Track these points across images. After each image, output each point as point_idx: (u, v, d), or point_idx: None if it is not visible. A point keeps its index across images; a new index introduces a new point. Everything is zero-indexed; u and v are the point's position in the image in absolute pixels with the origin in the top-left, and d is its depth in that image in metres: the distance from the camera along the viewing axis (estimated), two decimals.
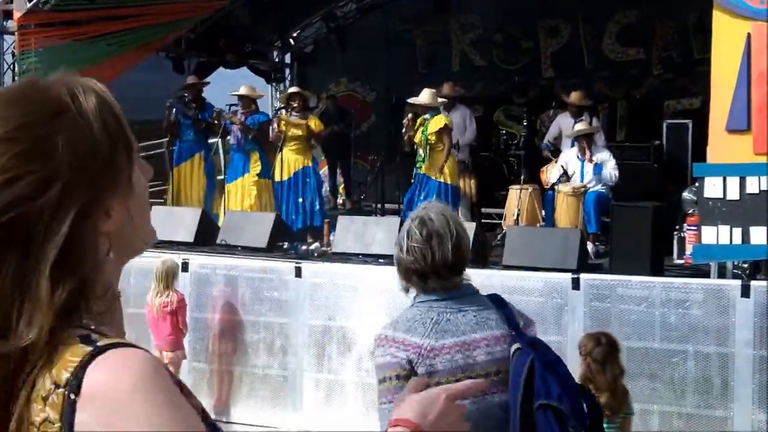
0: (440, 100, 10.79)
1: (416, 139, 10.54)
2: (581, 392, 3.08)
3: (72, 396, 1.20)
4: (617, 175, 10.45)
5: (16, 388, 1.24)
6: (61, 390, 1.21)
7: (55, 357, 1.23)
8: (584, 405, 3.01)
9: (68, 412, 1.20)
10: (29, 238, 1.25)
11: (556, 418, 2.88)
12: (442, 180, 10.43)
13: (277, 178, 11.30)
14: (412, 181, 10.76)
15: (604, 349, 5.64)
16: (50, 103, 1.31)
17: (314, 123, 11.37)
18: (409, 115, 10.82)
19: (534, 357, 2.95)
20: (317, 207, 11.31)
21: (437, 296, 3.11)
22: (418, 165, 10.57)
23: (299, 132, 11.26)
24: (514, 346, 3.03)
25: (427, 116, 10.48)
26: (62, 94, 1.32)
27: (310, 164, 11.36)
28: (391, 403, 2.94)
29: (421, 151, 10.53)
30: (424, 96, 10.58)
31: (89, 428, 1.19)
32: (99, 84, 1.38)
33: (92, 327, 1.28)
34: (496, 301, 3.19)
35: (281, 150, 11.22)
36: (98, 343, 1.24)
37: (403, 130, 10.69)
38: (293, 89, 11.64)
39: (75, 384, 1.20)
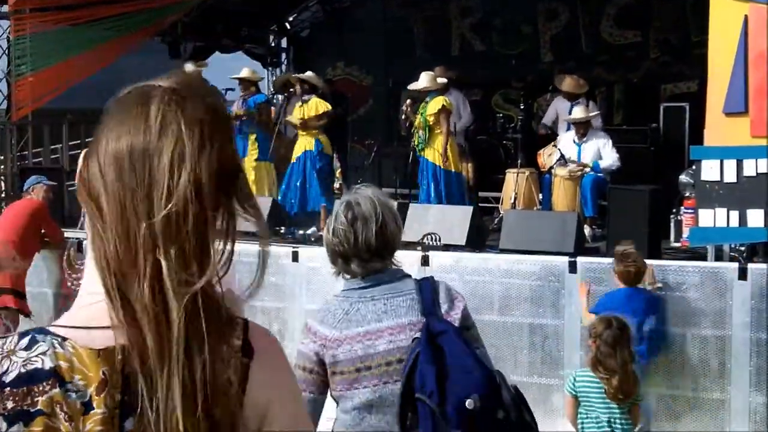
0: (440, 80, 10.75)
1: (416, 122, 10.54)
2: (484, 384, 2.90)
3: (245, 359, 1.43)
4: (618, 158, 10.41)
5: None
6: (237, 355, 1.42)
7: (232, 323, 1.45)
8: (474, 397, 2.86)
9: (244, 370, 1.43)
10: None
11: (431, 413, 2.83)
12: (450, 168, 10.44)
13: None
14: (410, 161, 10.76)
15: (614, 332, 5.65)
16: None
17: (325, 105, 11.28)
18: (408, 101, 10.81)
19: (422, 348, 2.91)
20: (318, 191, 11.25)
21: (356, 285, 3.13)
22: (419, 147, 10.56)
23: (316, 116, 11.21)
24: (414, 336, 2.99)
25: (427, 99, 10.49)
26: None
27: (313, 148, 11.29)
28: (306, 392, 3.04)
29: (420, 133, 10.52)
30: (423, 80, 10.57)
31: (259, 379, 1.44)
32: None
33: None
34: (424, 286, 3.13)
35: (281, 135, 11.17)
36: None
37: (403, 117, 10.70)
38: (303, 75, 11.57)
39: (245, 348, 1.44)
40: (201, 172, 1.34)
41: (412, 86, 10.65)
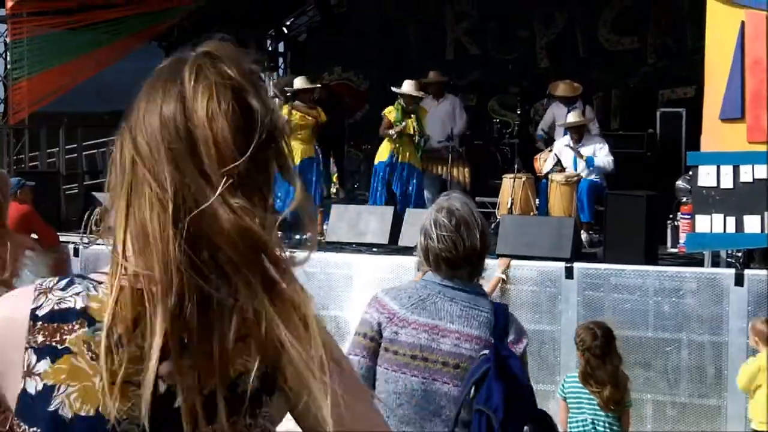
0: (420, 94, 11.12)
1: (409, 129, 10.71)
2: (539, 417, 3.04)
3: None
4: (612, 161, 10.42)
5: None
6: None
7: None
8: (530, 426, 2.99)
9: None
10: None
11: (488, 425, 2.90)
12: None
13: None
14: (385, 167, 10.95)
15: (601, 342, 5.64)
16: None
17: (322, 114, 11.32)
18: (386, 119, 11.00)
19: (491, 365, 2.97)
20: (315, 196, 11.27)
21: (440, 280, 3.17)
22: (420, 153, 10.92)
23: (309, 122, 11.21)
24: (483, 352, 3.05)
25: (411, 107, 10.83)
26: None
27: (313, 154, 11.32)
28: (354, 356, 3.13)
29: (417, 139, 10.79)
30: (410, 87, 10.77)
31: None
32: None
33: None
34: (498, 311, 3.20)
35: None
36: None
37: (391, 131, 10.84)
38: (306, 85, 11.58)
39: None
40: (238, 123, 1.35)
41: (401, 90, 10.84)
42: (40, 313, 1.36)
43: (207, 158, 1.34)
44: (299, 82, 11.48)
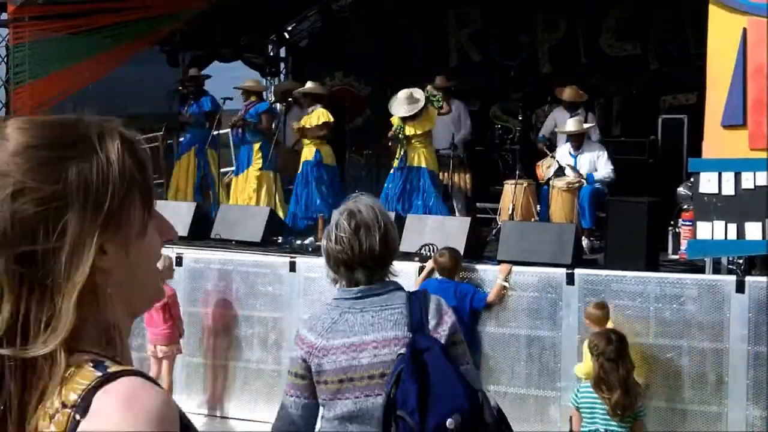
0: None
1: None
2: (469, 405, 2.88)
3: (77, 417, 1.24)
4: (612, 170, 10.42)
5: (29, 404, 1.29)
6: (67, 410, 1.25)
7: (66, 378, 1.28)
8: (456, 417, 2.84)
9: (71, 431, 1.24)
10: (48, 271, 1.30)
11: (411, 430, 2.83)
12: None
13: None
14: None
15: (616, 347, 5.67)
16: (76, 132, 1.37)
17: (327, 116, 11.32)
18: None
19: (405, 365, 2.91)
20: (317, 201, 11.26)
21: (348, 294, 3.15)
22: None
23: (331, 123, 11.24)
24: (399, 352, 2.99)
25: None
26: (91, 129, 1.39)
27: (312, 158, 11.33)
28: (289, 396, 3.12)
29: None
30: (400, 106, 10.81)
31: None
32: (133, 133, 1.45)
33: (103, 354, 1.33)
34: (414, 301, 3.13)
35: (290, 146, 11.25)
36: (109, 369, 1.29)
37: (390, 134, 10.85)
38: (319, 90, 11.61)
39: (82, 406, 1.24)
40: None
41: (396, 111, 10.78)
42: None
43: None
44: (315, 86, 11.56)
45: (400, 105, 10.63)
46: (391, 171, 10.91)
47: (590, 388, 5.76)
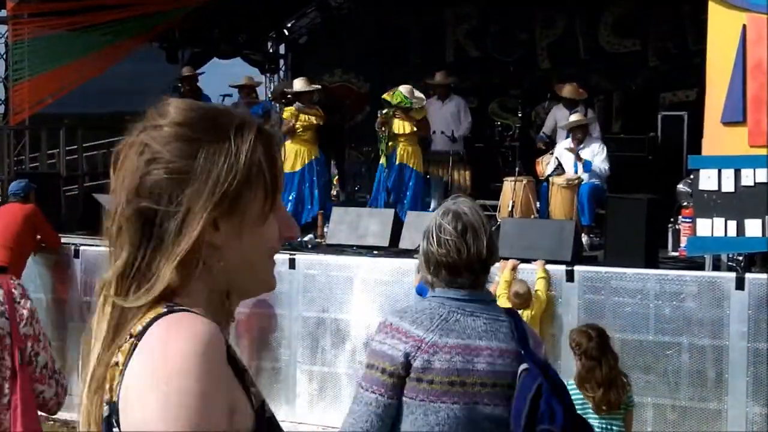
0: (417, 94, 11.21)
1: (400, 129, 10.98)
2: (582, 425, 2.96)
3: (137, 342, 1.41)
4: (607, 168, 10.42)
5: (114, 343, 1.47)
6: (132, 339, 1.42)
7: (140, 318, 1.45)
8: None
9: (130, 357, 1.40)
10: (163, 231, 1.47)
11: None
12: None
13: (288, 168, 11.12)
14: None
15: (596, 343, 5.63)
16: (216, 120, 1.53)
17: (323, 115, 11.34)
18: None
19: (543, 380, 2.84)
20: (317, 198, 11.26)
21: (453, 294, 2.99)
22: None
23: (313, 123, 11.23)
24: (523, 366, 2.89)
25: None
26: (232, 120, 1.54)
27: (318, 155, 11.35)
28: (371, 393, 2.90)
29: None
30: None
31: (134, 372, 1.38)
32: (275, 130, 1.60)
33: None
34: (511, 316, 3.05)
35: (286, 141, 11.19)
36: (175, 307, 1.45)
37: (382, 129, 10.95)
38: (306, 87, 11.57)
39: (142, 333, 1.41)
40: (118, 194, 1.54)
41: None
42: None
43: None
44: (299, 84, 11.49)
45: (404, 89, 10.88)
46: (381, 167, 11.02)
47: None
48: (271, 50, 17.51)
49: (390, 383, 2.89)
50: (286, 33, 17.45)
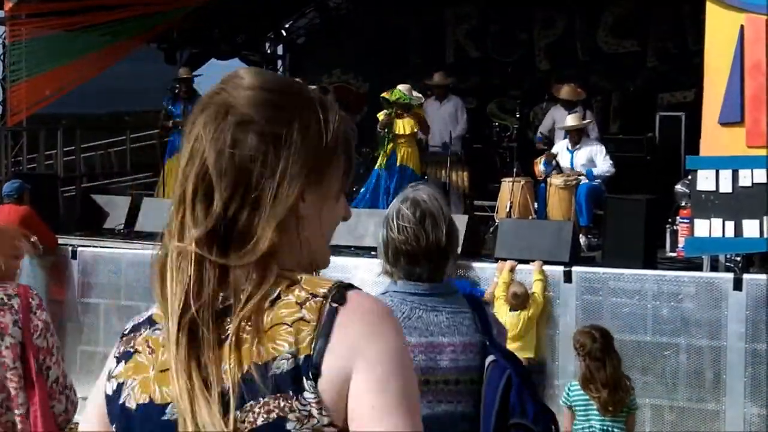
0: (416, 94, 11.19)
1: (400, 130, 10.95)
2: (547, 412, 2.90)
3: (334, 304, 1.44)
4: (611, 165, 10.39)
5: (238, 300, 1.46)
6: (318, 299, 1.45)
7: (299, 281, 1.48)
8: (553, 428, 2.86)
9: (329, 314, 1.44)
10: (258, 193, 1.48)
11: None
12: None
13: None
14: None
15: (600, 344, 5.65)
16: (301, 91, 1.58)
17: None
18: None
19: (512, 372, 2.81)
20: None
21: (413, 288, 2.94)
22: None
23: None
24: (490, 358, 2.85)
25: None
26: (313, 94, 1.59)
27: None
28: None
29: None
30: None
31: (349, 330, 1.43)
32: (347, 115, 1.64)
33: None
34: (474, 305, 2.99)
35: None
36: (340, 280, 1.51)
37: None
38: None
39: (337, 297, 1.45)
40: (206, 153, 1.50)
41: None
42: (126, 330, 1.61)
43: None
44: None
45: (403, 87, 10.89)
46: (377, 168, 11.01)
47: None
48: (269, 51, 17.51)
49: None
50: (285, 33, 17.44)
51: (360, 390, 1.41)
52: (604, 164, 10.39)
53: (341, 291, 1.46)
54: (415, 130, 10.98)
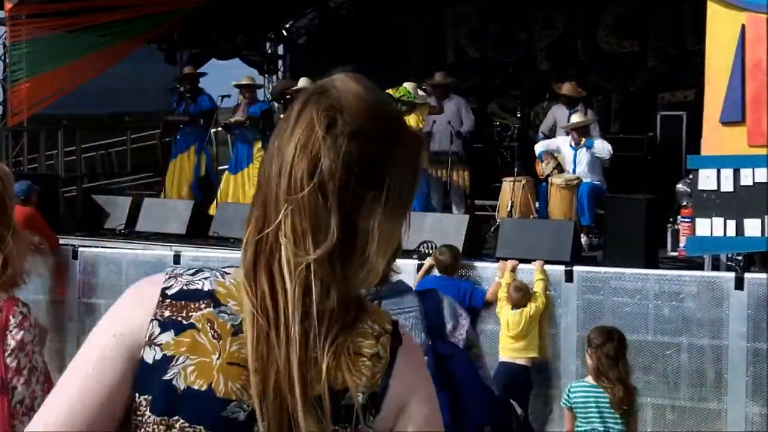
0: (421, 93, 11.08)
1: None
2: (498, 405, 2.86)
3: (395, 344, 1.48)
4: (609, 147, 10.40)
5: (337, 322, 1.43)
6: (388, 336, 1.48)
7: (373, 310, 1.50)
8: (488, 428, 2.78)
9: (393, 353, 1.48)
10: (367, 215, 1.43)
11: None
12: None
13: None
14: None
15: (615, 345, 5.67)
16: (396, 113, 1.56)
17: None
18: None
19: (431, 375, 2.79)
20: None
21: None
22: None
23: None
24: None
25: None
26: (397, 109, 1.59)
27: None
28: None
29: None
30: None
31: (406, 370, 1.49)
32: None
33: None
34: (428, 303, 2.94)
35: None
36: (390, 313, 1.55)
37: None
38: (298, 86, 11.59)
39: (396, 336, 1.50)
40: (323, 159, 1.41)
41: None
42: (170, 292, 1.47)
43: (280, 191, 1.50)
44: (305, 83, 11.50)
45: (408, 85, 10.81)
46: None
47: (583, 387, 5.75)
48: (269, 51, 17.50)
49: None
50: (285, 33, 17.44)
51: (418, 422, 1.49)
52: (603, 145, 10.44)
53: (396, 329, 1.52)
54: (418, 127, 10.88)
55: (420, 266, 8.30)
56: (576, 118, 10.80)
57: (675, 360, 7.60)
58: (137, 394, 1.43)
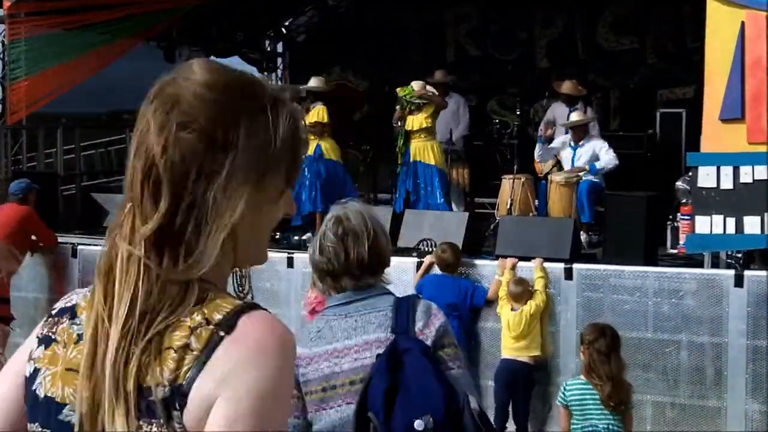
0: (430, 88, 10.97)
1: (413, 126, 10.76)
2: (446, 406, 2.78)
3: (222, 333, 1.39)
4: (614, 157, 10.31)
5: (159, 315, 1.41)
6: (210, 327, 1.39)
7: (207, 300, 1.42)
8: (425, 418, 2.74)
9: (213, 343, 1.38)
10: (201, 201, 1.43)
11: (375, 431, 2.73)
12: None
13: None
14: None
15: (608, 342, 5.67)
16: (252, 90, 1.50)
17: (319, 116, 11.27)
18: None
19: (378, 363, 2.80)
20: (314, 196, 11.19)
21: (335, 301, 2.99)
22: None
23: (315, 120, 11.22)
24: (379, 352, 2.85)
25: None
26: (265, 92, 1.51)
27: (312, 153, 11.32)
28: (291, 419, 2.91)
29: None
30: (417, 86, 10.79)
31: (224, 361, 1.37)
32: (298, 108, 1.57)
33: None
34: (402, 303, 2.98)
35: None
36: (246, 300, 1.47)
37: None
38: (325, 86, 11.59)
39: (228, 325, 1.39)
40: (156, 158, 1.44)
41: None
42: (54, 310, 1.57)
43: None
44: (318, 83, 11.50)
45: (416, 84, 10.82)
46: (399, 169, 10.88)
47: (578, 385, 5.75)
48: (269, 49, 17.49)
49: (299, 405, 2.92)
50: (284, 31, 17.43)
51: (212, 424, 1.36)
52: (607, 155, 10.36)
53: (235, 317, 1.40)
54: (427, 125, 10.80)
55: (420, 264, 8.30)
56: (575, 116, 10.79)
57: (675, 357, 7.61)
58: (25, 406, 1.53)
